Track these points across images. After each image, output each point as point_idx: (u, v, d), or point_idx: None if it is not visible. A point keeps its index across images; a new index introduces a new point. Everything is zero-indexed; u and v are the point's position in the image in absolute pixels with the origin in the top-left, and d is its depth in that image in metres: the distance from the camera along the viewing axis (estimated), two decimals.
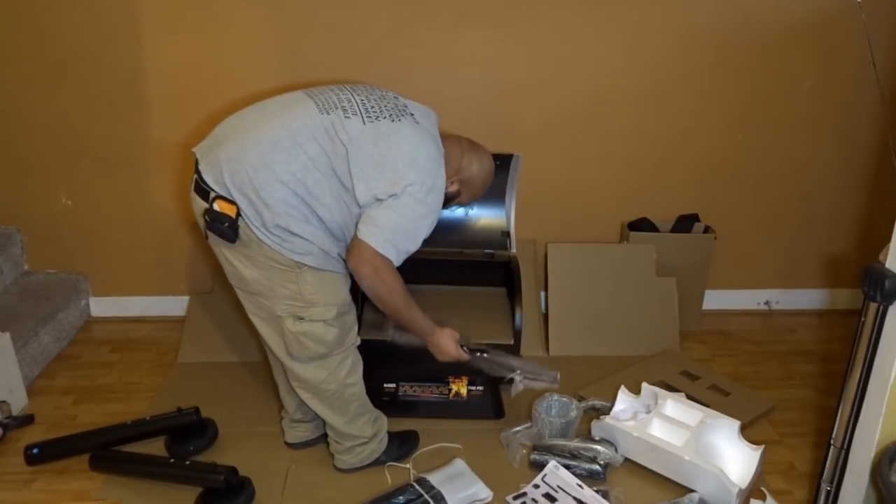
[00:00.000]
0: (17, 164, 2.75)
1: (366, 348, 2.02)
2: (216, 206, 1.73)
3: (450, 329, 1.98)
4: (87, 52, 2.61)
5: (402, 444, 2.17)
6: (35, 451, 2.08)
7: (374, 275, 1.75)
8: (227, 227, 1.73)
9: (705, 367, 2.66)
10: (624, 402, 2.27)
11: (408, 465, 2.11)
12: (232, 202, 1.72)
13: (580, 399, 2.34)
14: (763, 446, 2.05)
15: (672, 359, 2.69)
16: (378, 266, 1.75)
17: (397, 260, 1.78)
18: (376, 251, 1.73)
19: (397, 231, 1.75)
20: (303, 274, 1.79)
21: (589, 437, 2.17)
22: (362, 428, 2.04)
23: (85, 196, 2.81)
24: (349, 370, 1.96)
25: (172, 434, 2.18)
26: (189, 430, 2.18)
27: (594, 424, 2.18)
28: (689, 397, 2.29)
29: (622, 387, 2.29)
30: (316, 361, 1.90)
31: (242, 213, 1.72)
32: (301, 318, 1.83)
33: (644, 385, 2.26)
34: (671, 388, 2.38)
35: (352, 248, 1.79)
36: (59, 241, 2.88)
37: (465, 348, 2.00)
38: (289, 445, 2.20)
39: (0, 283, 2.74)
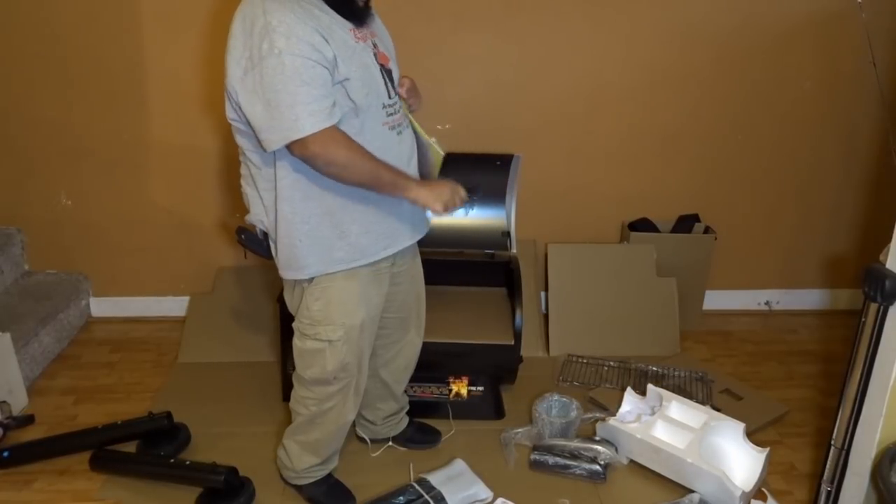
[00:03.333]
0: (17, 164, 2.75)
1: None
2: None
3: None
4: (88, 52, 2.61)
5: (329, 495, 1.97)
6: (5, 454, 2.07)
7: (323, 153, 1.49)
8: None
9: (716, 368, 2.66)
10: (630, 403, 2.26)
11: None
12: None
13: (591, 401, 2.35)
14: (768, 448, 2.03)
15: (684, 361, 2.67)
16: (319, 147, 1.48)
17: (316, 122, 1.46)
18: (296, 142, 1.47)
19: (274, 109, 1.46)
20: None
21: (589, 438, 2.17)
22: (299, 456, 1.92)
23: (85, 196, 2.81)
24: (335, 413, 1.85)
25: (144, 439, 2.16)
26: (160, 434, 2.15)
27: (599, 426, 2.17)
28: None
29: (629, 388, 2.29)
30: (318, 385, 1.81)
31: None
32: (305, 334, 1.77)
33: (650, 387, 2.25)
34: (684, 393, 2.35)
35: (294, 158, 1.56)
36: (59, 241, 2.88)
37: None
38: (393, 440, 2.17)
39: (0, 283, 2.74)
